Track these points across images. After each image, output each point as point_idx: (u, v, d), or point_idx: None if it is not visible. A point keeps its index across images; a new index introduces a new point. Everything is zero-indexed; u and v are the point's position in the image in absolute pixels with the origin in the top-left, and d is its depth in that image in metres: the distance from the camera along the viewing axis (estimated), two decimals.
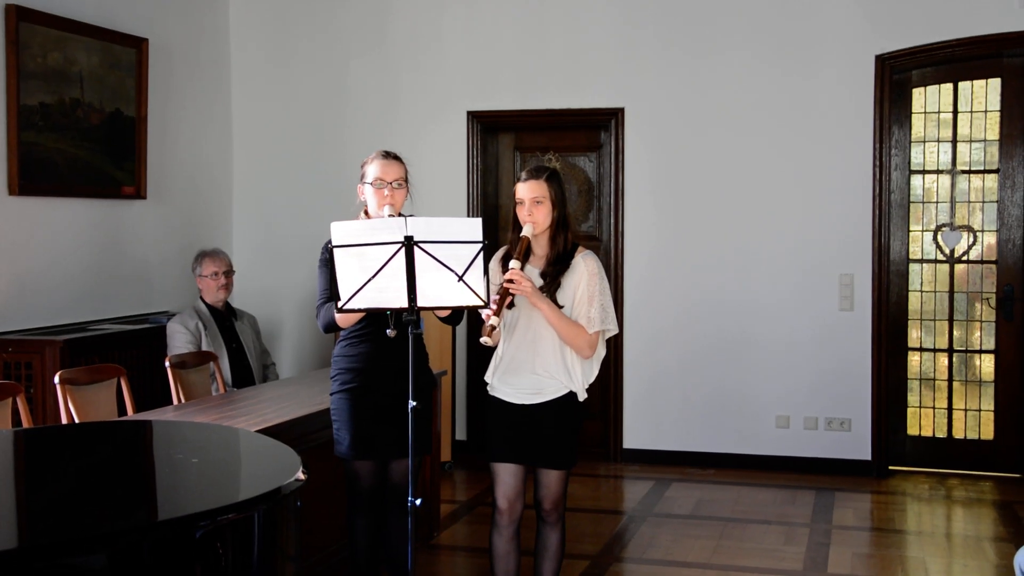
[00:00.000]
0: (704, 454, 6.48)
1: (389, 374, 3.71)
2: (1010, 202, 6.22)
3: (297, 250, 6.92)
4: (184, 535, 2.20)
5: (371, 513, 3.81)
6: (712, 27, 6.42)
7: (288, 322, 7.17)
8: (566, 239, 3.66)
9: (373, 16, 6.95)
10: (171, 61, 6.54)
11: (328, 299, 3.72)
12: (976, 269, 6.32)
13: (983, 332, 6.32)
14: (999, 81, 6.21)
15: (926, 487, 6.08)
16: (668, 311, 6.53)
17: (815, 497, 5.80)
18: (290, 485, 2.48)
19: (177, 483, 2.70)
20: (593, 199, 6.79)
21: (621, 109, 6.55)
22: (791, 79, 6.32)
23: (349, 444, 3.74)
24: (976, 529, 5.32)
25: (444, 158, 6.80)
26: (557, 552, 3.69)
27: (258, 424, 3.86)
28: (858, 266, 6.26)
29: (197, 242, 6.63)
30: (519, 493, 3.63)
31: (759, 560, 4.75)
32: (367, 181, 3.76)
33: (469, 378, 6.78)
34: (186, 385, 4.80)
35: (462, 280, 3.25)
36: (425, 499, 4.83)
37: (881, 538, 5.20)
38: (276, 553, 2.44)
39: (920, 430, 6.41)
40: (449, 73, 6.83)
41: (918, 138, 6.36)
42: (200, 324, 5.51)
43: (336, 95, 7.04)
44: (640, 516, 5.48)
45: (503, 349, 3.68)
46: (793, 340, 6.35)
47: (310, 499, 4.07)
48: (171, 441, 3.29)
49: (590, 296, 3.59)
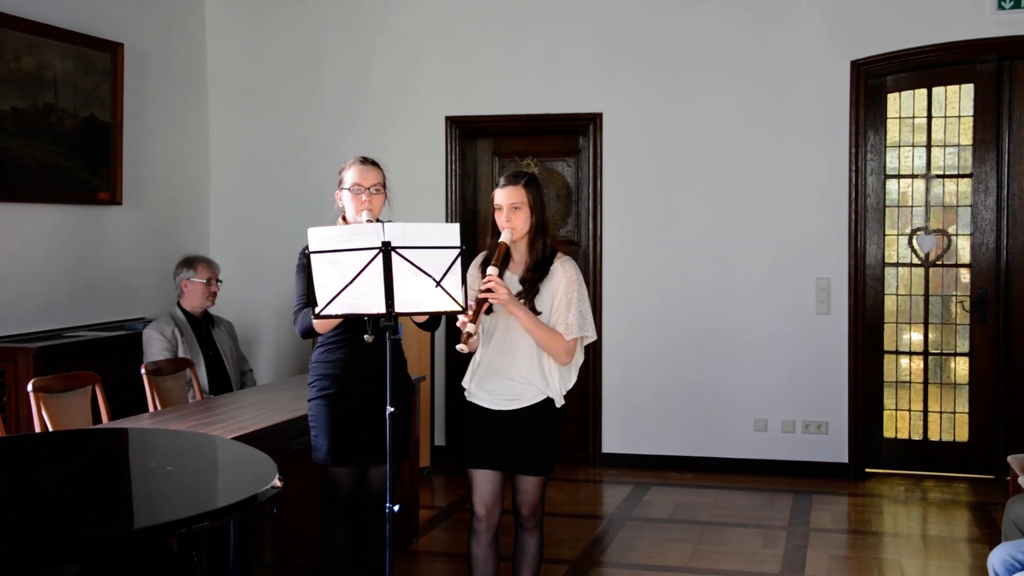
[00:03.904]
0: (683, 458, 6.50)
1: (367, 380, 3.70)
2: (983, 206, 6.28)
3: (275, 256, 6.89)
4: (159, 544, 2.19)
5: (349, 520, 3.80)
6: (689, 33, 6.45)
7: (266, 328, 7.14)
8: (545, 245, 3.66)
9: (350, 22, 6.94)
10: (147, 66, 6.50)
11: (305, 305, 3.71)
12: (951, 273, 6.38)
13: (957, 335, 6.37)
14: (972, 87, 6.27)
15: (902, 489, 6.12)
16: (646, 316, 6.55)
17: (793, 500, 5.83)
18: (266, 492, 2.46)
19: (152, 491, 2.68)
20: (572, 204, 6.81)
21: (599, 114, 6.57)
22: (768, 84, 6.36)
23: (327, 450, 3.73)
24: (951, 530, 5.36)
25: (423, 163, 6.80)
26: (535, 558, 3.69)
27: (235, 431, 3.84)
28: (834, 270, 6.30)
29: (174, 248, 6.58)
30: (497, 499, 3.63)
31: (737, 563, 4.77)
32: (345, 187, 3.76)
33: (448, 383, 6.77)
34: (162, 392, 4.77)
35: (440, 286, 3.25)
36: (404, 505, 4.81)
37: (858, 540, 5.24)
38: (252, 561, 2.43)
39: (896, 432, 6.46)
40: (427, 78, 6.83)
41: (893, 143, 6.42)
42: (177, 331, 5.47)
43: (314, 100, 7.02)
44: (619, 520, 5.49)
45: (481, 355, 3.68)
46: (771, 344, 6.38)
47: (288, 506, 4.05)
48: (146, 449, 3.26)
49: (568, 302, 3.59)
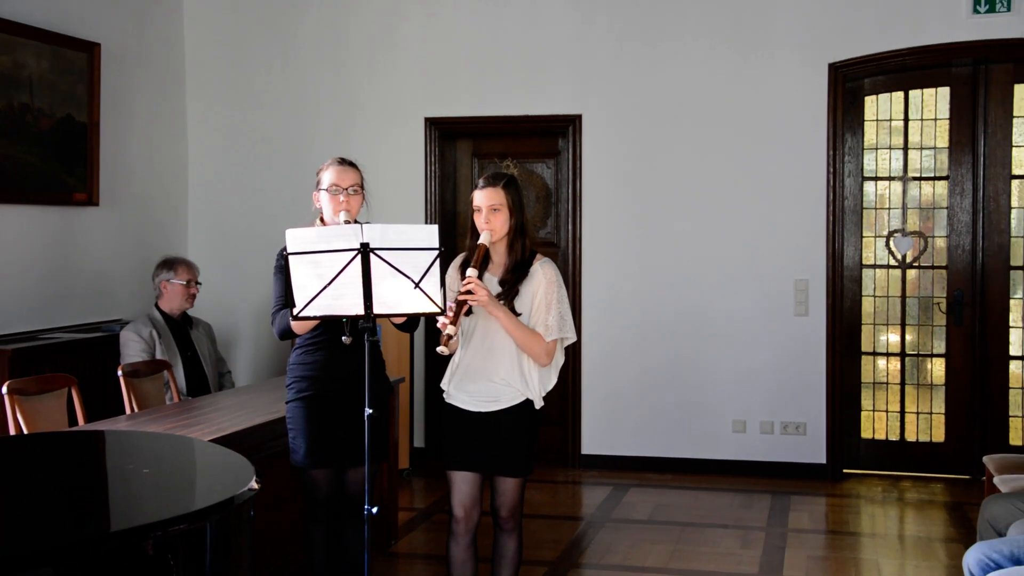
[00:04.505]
0: (662, 459, 6.52)
1: (345, 382, 3.68)
2: (959, 208, 6.34)
3: (253, 257, 6.86)
4: (134, 547, 2.17)
5: (328, 522, 3.79)
6: (668, 36, 6.47)
7: (244, 329, 7.11)
8: (524, 246, 3.66)
9: (330, 22, 6.92)
10: (124, 66, 6.46)
11: (283, 306, 3.69)
12: (927, 274, 6.42)
13: (934, 336, 6.42)
14: (948, 90, 6.32)
15: (879, 489, 6.16)
16: (626, 317, 6.57)
17: (771, 501, 5.86)
18: (243, 495, 2.45)
19: (128, 494, 2.66)
20: (551, 206, 6.81)
21: (579, 116, 6.58)
22: (746, 87, 6.39)
23: (305, 452, 3.71)
24: (928, 530, 5.39)
25: (402, 165, 6.79)
26: (514, 559, 3.69)
27: (212, 433, 3.82)
28: (812, 271, 6.33)
29: (152, 249, 6.55)
30: (475, 501, 3.63)
31: (716, 564, 4.79)
32: (322, 187, 3.75)
33: (427, 385, 6.76)
34: (139, 394, 4.74)
35: (418, 287, 3.25)
36: (383, 507, 4.81)
37: (835, 540, 5.27)
38: (229, 563, 2.42)
39: (873, 433, 6.50)
40: (407, 79, 6.82)
41: (870, 145, 6.46)
42: (154, 332, 5.44)
43: (293, 101, 7.00)
44: (598, 522, 5.50)
45: (460, 356, 3.67)
46: (750, 345, 6.41)
47: (266, 508, 4.04)
48: (123, 451, 3.24)
49: (548, 304, 3.59)
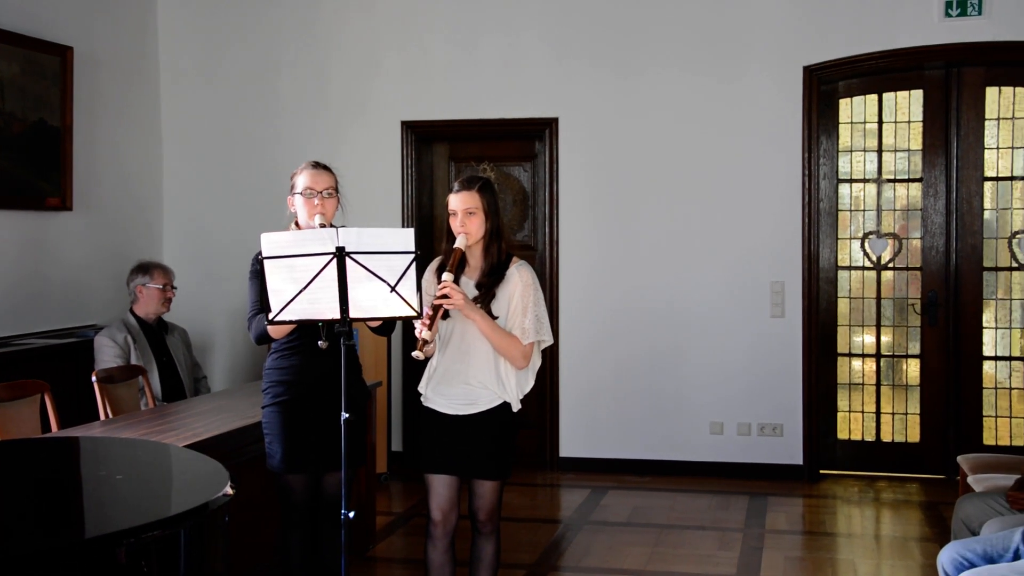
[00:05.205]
0: (640, 461, 6.53)
1: (321, 386, 3.67)
2: (933, 210, 6.39)
3: (229, 261, 6.82)
4: (107, 554, 2.15)
5: (305, 527, 3.77)
6: (644, 38, 6.49)
7: (220, 334, 7.07)
8: (500, 249, 3.66)
9: (306, 25, 6.90)
10: (97, 70, 6.41)
11: (259, 311, 3.67)
12: (902, 276, 6.47)
13: (909, 337, 6.47)
14: (921, 93, 6.38)
15: (855, 490, 6.20)
16: (603, 319, 6.58)
17: (748, 502, 5.88)
18: (217, 500, 2.43)
19: (101, 501, 2.64)
20: (528, 209, 6.82)
21: (555, 119, 6.59)
22: (722, 90, 6.41)
23: (281, 457, 3.69)
24: (903, 530, 5.43)
25: (378, 168, 6.77)
26: (492, 562, 3.68)
27: (188, 439, 3.79)
28: (788, 273, 6.36)
29: (126, 254, 6.50)
30: (453, 504, 3.62)
31: (694, 566, 4.80)
32: (297, 191, 3.73)
33: (405, 389, 6.75)
34: (114, 400, 4.70)
35: (395, 291, 3.24)
36: (360, 511, 4.79)
37: (812, 541, 5.29)
38: (204, 570, 2.40)
39: (849, 434, 6.54)
40: (383, 83, 6.81)
41: (845, 148, 6.50)
42: (129, 337, 5.40)
43: (269, 104, 6.97)
44: (576, 524, 5.50)
45: (437, 360, 3.67)
46: (726, 347, 6.43)
47: (242, 514, 4.01)
48: (96, 458, 3.22)
49: (524, 307, 3.59)
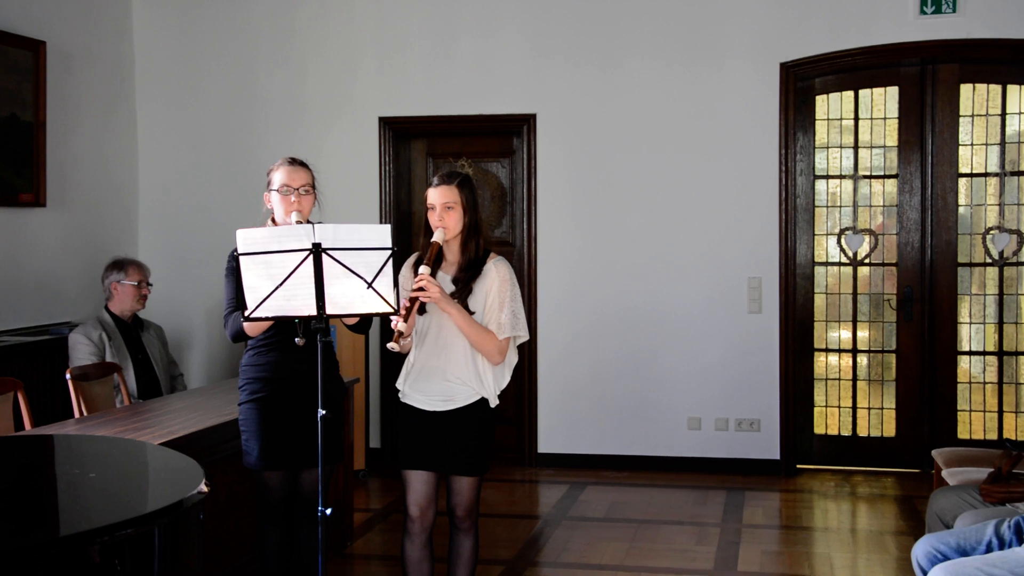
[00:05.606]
0: (618, 457, 6.55)
1: (298, 383, 3.66)
2: (908, 206, 6.43)
3: (205, 258, 6.78)
4: (80, 552, 2.13)
5: (282, 524, 3.75)
6: (621, 34, 6.49)
7: (197, 331, 7.03)
8: (478, 245, 3.66)
9: (282, 20, 6.86)
10: (71, 64, 6.35)
11: (236, 308, 3.65)
12: (878, 271, 6.52)
13: (885, 332, 6.51)
14: (896, 89, 6.42)
15: (832, 484, 6.24)
16: (581, 315, 6.58)
17: (726, 497, 5.91)
18: (192, 498, 2.42)
19: (74, 499, 2.61)
20: (506, 204, 6.81)
21: (533, 115, 6.59)
22: (699, 86, 6.43)
23: (258, 454, 3.68)
24: (879, 524, 5.47)
25: (356, 164, 6.75)
26: (470, 559, 3.68)
27: (163, 436, 3.77)
28: (765, 269, 6.39)
29: (101, 251, 6.44)
30: (431, 500, 3.62)
31: (671, 560, 4.82)
32: (273, 188, 3.72)
33: (383, 385, 6.73)
34: (88, 397, 4.67)
35: (371, 287, 3.23)
36: (338, 508, 4.78)
37: (789, 535, 5.32)
38: (179, 568, 2.38)
39: (826, 429, 6.58)
40: (360, 79, 6.78)
41: (822, 144, 6.53)
42: (104, 335, 5.36)
43: (245, 100, 6.93)
44: (555, 520, 5.51)
45: (414, 356, 3.66)
46: (704, 343, 6.45)
47: (219, 511, 4.00)
48: (70, 456, 3.19)
49: (501, 302, 3.59)
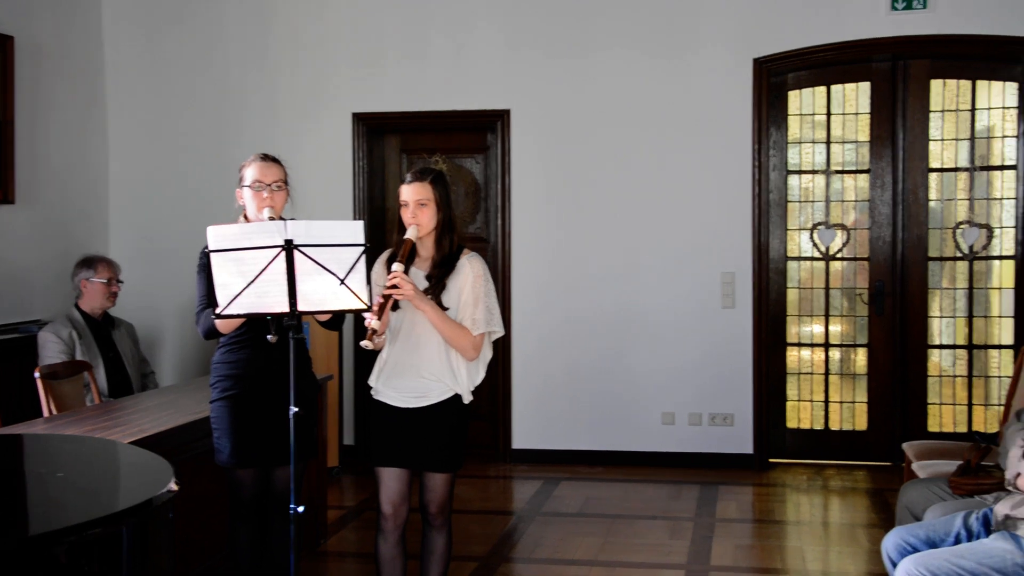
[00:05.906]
0: (592, 452, 6.56)
1: (270, 380, 3.64)
2: (880, 201, 6.48)
3: (177, 255, 6.72)
4: (46, 553, 2.11)
5: (254, 521, 3.73)
6: (595, 30, 6.50)
7: (168, 329, 6.97)
8: (452, 241, 3.65)
9: (254, 15, 6.82)
10: (40, 60, 6.28)
11: (208, 305, 3.62)
12: (850, 266, 6.56)
13: (857, 327, 6.56)
14: (868, 85, 6.46)
15: (804, 478, 6.28)
16: (555, 311, 6.59)
17: (699, 491, 5.93)
18: (161, 496, 2.40)
19: (42, 499, 2.59)
20: (480, 200, 6.81)
21: (507, 111, 6.58)
22: (673, 81, 6.45)
23: (230, 452, 3.66)
24: (851, 517, 5.51)
25: (329, 160, 6.72)
26: (444, 555, 3.68)
27: (134, 435, 3.73)
28: (739, 264, 6.42)
29: (71, 248, 6.38)
30: (404, 497, 3.61)
31: (645, 555, 4.83)
32: (245, 184, 3.69)
33: (356, 382, 6.71)
34: (58, 396, 4.62)
35: (344, 284, 3.21)
36: (312, 505, 4.76)
37: (762, 529, 5.35)
38: (148, 567, 2.37)
39: (799, 423, 6.62)
40: (333, 74, 6.75)
41: (794, 139, 6.57)
42: (74, 333, 5.31)
43: (217, 96, 6.88)
44: (529, 516, 5.51)
45: (388, 352, 3.64)
46: (677, 337, 6.47)
47: (191, 510, 3.97)
48: (38, 455, 3.15)
49: (475, 298, 3.59)
